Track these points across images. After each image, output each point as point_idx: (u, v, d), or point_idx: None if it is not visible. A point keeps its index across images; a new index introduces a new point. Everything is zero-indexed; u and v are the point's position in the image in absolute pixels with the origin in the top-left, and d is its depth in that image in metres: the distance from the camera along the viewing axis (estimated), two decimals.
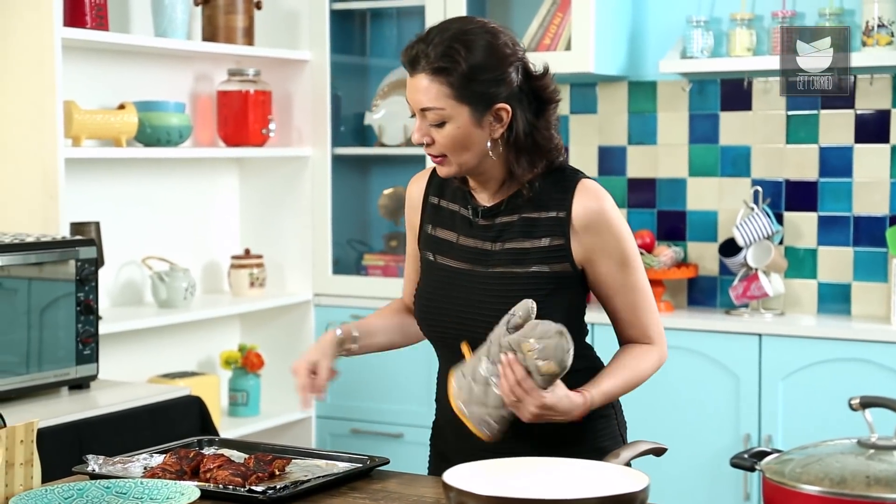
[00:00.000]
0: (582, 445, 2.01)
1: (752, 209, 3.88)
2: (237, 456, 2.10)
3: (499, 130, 2.02)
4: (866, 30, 3.68)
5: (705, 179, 4.06)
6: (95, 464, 1.99)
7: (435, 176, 2.17)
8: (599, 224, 2.04)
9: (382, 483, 2.01)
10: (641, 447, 1.95)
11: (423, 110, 2.01)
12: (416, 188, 2.21)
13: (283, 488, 1.89)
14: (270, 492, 1.87)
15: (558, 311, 2.05)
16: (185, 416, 3.09)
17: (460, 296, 2.07)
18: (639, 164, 4.15)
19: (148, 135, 3.75)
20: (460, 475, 1.69)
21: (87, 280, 3.06)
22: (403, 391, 4.02)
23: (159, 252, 3.99)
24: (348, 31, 4.44)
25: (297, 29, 4.27)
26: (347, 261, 4.36)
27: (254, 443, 2.20)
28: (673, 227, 4.11)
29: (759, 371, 3.63)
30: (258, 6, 4.08)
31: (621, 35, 4.06)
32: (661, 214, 4.13)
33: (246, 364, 4.10)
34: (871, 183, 3.85)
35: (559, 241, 2.04)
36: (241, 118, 4.08)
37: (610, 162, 4.19)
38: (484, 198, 2.11)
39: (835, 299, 3.90)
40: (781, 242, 3.95)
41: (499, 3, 4.29)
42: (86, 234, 3.44)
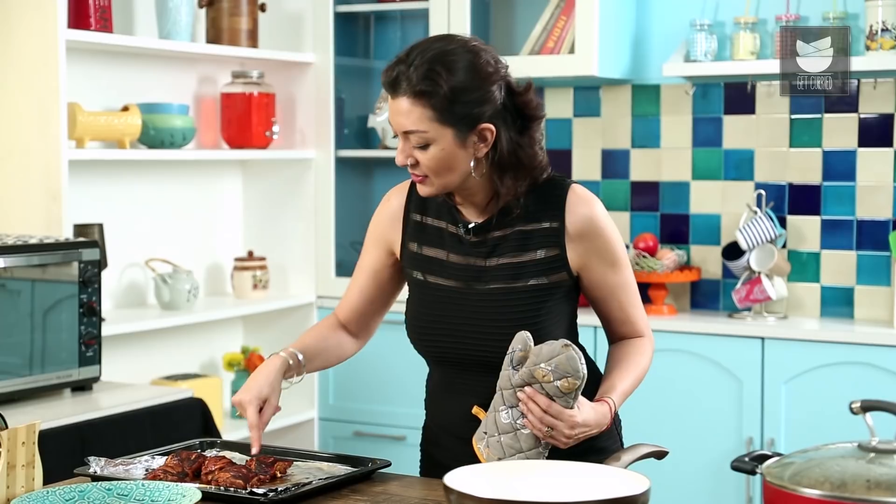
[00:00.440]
0: (581, 445, 2.01)
1: (756, 213, 3.88)
2: (239, 458, 2.10)
3: (483, 150, 2.01)
4: (870, 34, 3.68)
5: (709, 183, 4.06)
6: (97, 465, 2.00)
7: (415, 191, 2.13)
8: (593, 230, 2.05)
9: (384, 486, 2.01)
10: (642, 450, 1.95)
11: (406, 133, 1.99)
12: (395, 202, 2.18)
13: (285, 490, 1.89)
14: (272, 494, 1.87)
15: (558, 320, 2.06)
16: (188, 419, 3.09)
17: (458, 315, 2.06)
18: (642, 168, 4.15)
19: (151, 137, 3.76)
20: (461, 478, 1.69)
21: (90, 282, 3.06)
22: (406, 394, 4.02)
23: (162, 254, 3.99)
24: (352, 34, 4.45)
25: (301, 31, 4.27)
26: (350, 263, 4.36)
27: None
28: (676, 231, 4.11)
29: (762, 374, 3.63)
30: (262, 8, 4.09)
31: (625, 38, 4.06)
32: (665, 218, 4.13)
33: (249, 366, 4.10)
34: (875, 187, 3.85)
35: (555, 252, 2.05)
36: (245, 120, 4.08)
37: (613, 165, 4.19)
38: (471, 213, 2.09)
39: (838, 303, 3.90)
40: (784, 246, 3.95)
41: (502, 7, 4.30)
42: (89, 236, 3.45)
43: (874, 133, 3.84)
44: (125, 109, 3.67)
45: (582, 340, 2.19)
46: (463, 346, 2.06)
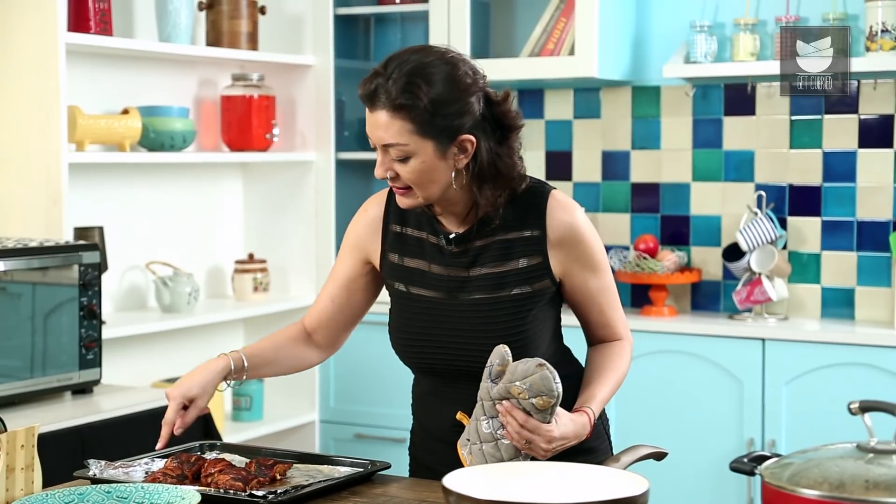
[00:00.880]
0: (571, 446, 2.02)
1: (756, 214, 3.88)
2: (239, 460, 2.10)
3: (463, 161, 1.99)
4: (870, 35, 3.68)
5: (709, 184, 4.06)
6: (96, 468, 2.00)
7: (393, 202, 2.12)
8: (574, 237, 2.05)
9: (384, 487, 2.01)
10: (642, 451, 1.96)
11: (386, 146, 1.97)
12: (373, 212, 2.16)
13: (284, 493, 1.89)
14: (271, 496, 1.87)
15: (543, 328, 2.07)
16: None
17: (443, 326, 2.06)
18: (642, 169, 4.15)
19: (152, 140, 3.76)
20: (460, 479, 1.69)
21: (91, 285, 3.06)
22: (407, 396, 4.01)
23: (163, 257, 3.99)
24: (352, 36, 4.45)
25: (301, 34, 4.27)
26: None
27: (255, 447, 2.20)
28: (676, 232, 4.11)
29: (763, 375, 3.63)
30: (262, 11, 4.09)
31: (625, 40, 4.06)
32: (665, 219, 4.13)
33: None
34: (875, 188, 3.85)
35: (537, 260, 2.04)
36: (245, 123, 4.08)
37: (613, 167, 4.18)
38: (452, 224, 2.08)
39: (838, 304, 3.90)
40: (785, 247, 3.95)
41: (502, 9, 4.30)
42: (89, 239, 3.45)
43: (874, 134, 3.84)
44: (125, 112, 3.67)
45: (568, 341, 2.20)
46: (448, 357, 2.06)
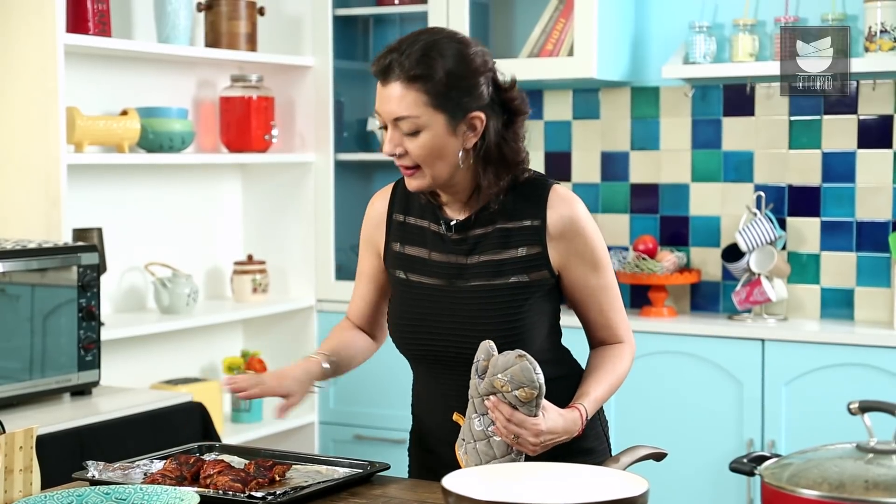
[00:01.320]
0: (570, 447, 2.02)
1: (755, 214, 3.88)
2: (237, 462, 2.10)
3: (472, 140, 2.01)
4: (869, 35, 3.68)
5: (708, 185, 4.06)
6: (95, 470, 1.99)
7: (398, 193, 2.16)
8: (574, 230, 2.06)
9: (383, 489, 2.01)
10: (641, 452, 1.95)
11: (397, 120, 1.99)
12: (379, 205, 2.19)
13: (283, 494, 1.89)
14: (270, 497, 1.87)
15: (539, 319, 2.07)
16: (187, 423, 3.09)
17: (441, 313, 2.07)
18: (642, 170, 4.14)
19: (150, 141, 3.76)
20: (459, 480, 1.69)
21: (89, 286, 3.06)
22: (406, 397, 4.01)
23: (162, 258, 3.99)
24: (351, 37, 4.45)
25: (300, 35, 4.27)
26: (350, 266, 4.36)
27: (254, 448, 2.20)
28: (676, 233, 4.11)
29: (762, 376, 3.63)
30: (261, 12, 4.09)
31: (624, 40, 4.06)
32: (664, 220, 4.13)
33: (249, 370, 4.09)
34: (874, 188, 3.85)
35: (536, 250, 2.05)
36: (244, 124, 4.08)
37: (613, 167, 4.18)
38: (454, 211, 2.10)
39: (838, 304, 3.90)
40: (784, 248, 3.95)
41: (501, 10, 4.30)
42: (88, 241, 3.45)
43: (873, 134, 3.84)
44: (124, 114, 3.67)
45: (569, 342, 2.20)
46: (444, 344, 2.06)
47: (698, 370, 3.71)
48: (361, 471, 2.05)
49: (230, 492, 1.90)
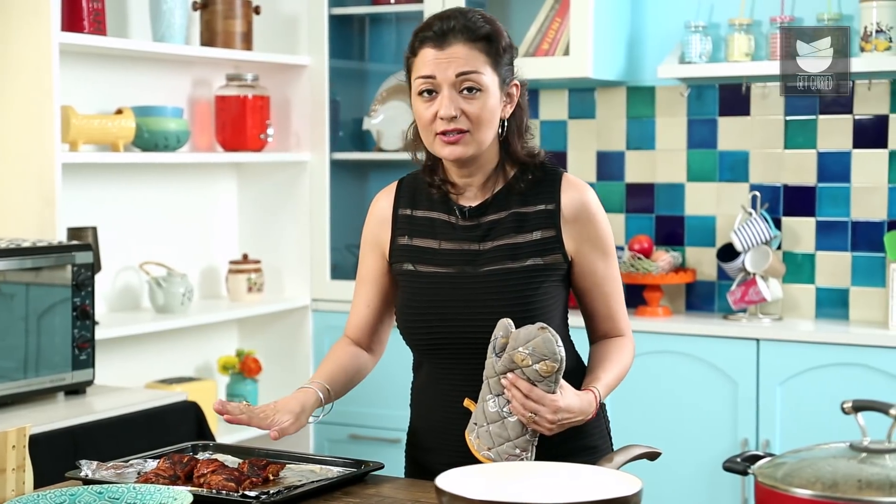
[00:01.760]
0: (574, 443, 2.02)
1: (751, 214, 3.88)
2: (231, 461, 2.09)
3: (508, 110, 2.10)
4: (864, 35, 3.68)
5: (704, 184, 4.06)
6: (88, 469, 1.99)
7: (403, 189, 2.18)
8: (586, 214, 2.10)
9: (377, 488, 2.00)
10: (635, 451, 1.95)
11: (462, 77, 2.01)
12: (384, 202, 2.19)
13: (277, 493, 1.89)
14: (264, 497, 1.87)
15: (553, 304, 2.08)
16: (182, 422, 3.09)
17: (453, 299, 2.07)
18: (637, 169, 4.14)
19: (146, 140, 3.75)
20: (452, 479, 1.69)
21: (84, 285, 3.05)
22: (401, 396, 4.00)
23: (157, 257, 3.99)
24: (347, 36, 4.44)
25: (296, 34, 4.27)
26: (346, 266, 4.36)
27: (248, 448, 2.19)
28: (671, 232, 4.11)
29: (757, 376, 3.63)
30: (257, 11, 4.08)
31: (620, 40, 4.06)
32: (660, 219, 4.13)
33: (244, 369, 4.09)
34: (869, 188, 3.85)
35: (551, 233, 2.08)
36: (240, 123, 4.08)
37: (608, 167, 4.18)
38: (467, 199, 2.12)
39: (833, 304, 3.90)
40: (779, 247, 3.95)
41: (497, 9, 4.29)
42: (83, 240, 3.44)
43: (869, 134, 3.84)
44: (119, 112, 3.66)
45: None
46: (456, 330, 2.05)
47: (693, 370, 3.71)
48: (355, 470, 2.04)
49: (223, 491, 1.90)
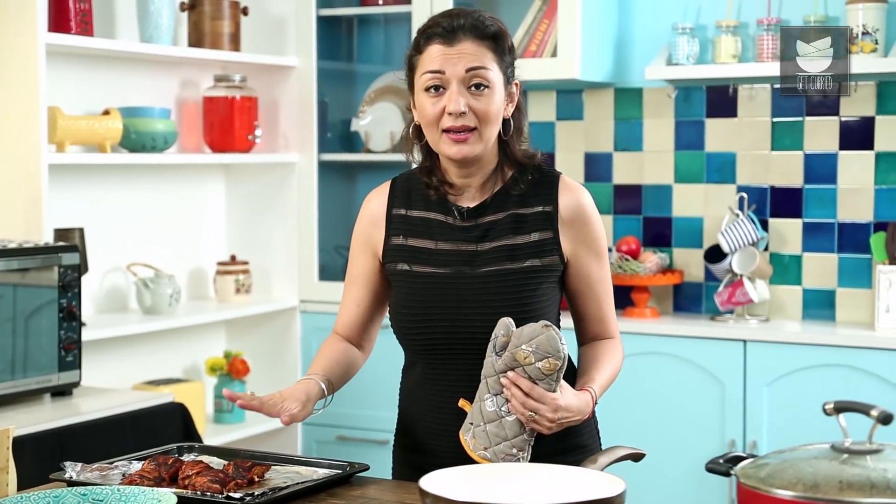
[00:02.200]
0: (565, 442, 2.03)
1: (738, 215, 3.89)
2: (216, 462, 2.09)
3: (509, 109, 2.10)
4: (851, 37, 3.69)
5: (691, 186, 4.07)
6: (73, 471, 1.99)
7: (397, 189, 2.17)
8: (583, 216, 2.11)
9: (362, 489, 2.00)
10: (619, 452, 1.95)
11: (472, 73, 2.02)
12: (377, 202, 2.18)
13: (262, 495, 1.89)
14: (248, 498, 1.86)
15: (550, 306, 2.09)
16: (169, 423, 3.08)
17: (449, 300, 2.06)
18: (625, 171, 4.15)
19: (133, 141, 3.75)
20: (437, 480, 1.69)
21: (70, 286, 3.05)
22: (390, 398, 4.00)
23: (144, 258, 3.98)
24: (335, 38, 4.44)
25: (284, 35, 4.27)
26: (334, 267, 4.36)
27: (233, 449, 2.19)
28: (659, 234, 4.12)
29: (744, 377, 3.63)
30: (244, 12, 4.08)
31: (607, 42, 4.07)
32: (647, 221, 4.13)
33: (231, 371, 4.09)
34: (856, 189, 3.86)
35: (548, 235, 2.09)
36: (228, 124, 4.08)
37: (596, 168, 4.19)
38: (466, 199, 2.12)
39: (819, 305, 3.91)
40: (766, 249, 3.96)
41: (485, 10, 4.29)
42: (70, 241, 3.43)
43: (855, 136, 3.85)
44: (106, 113, 3.66)
45: None
46: (454, 330, 2.05)
47: (681, 371, 3.72)
48: (340, 471, 2.04)
49: (208, 492, 1.90)
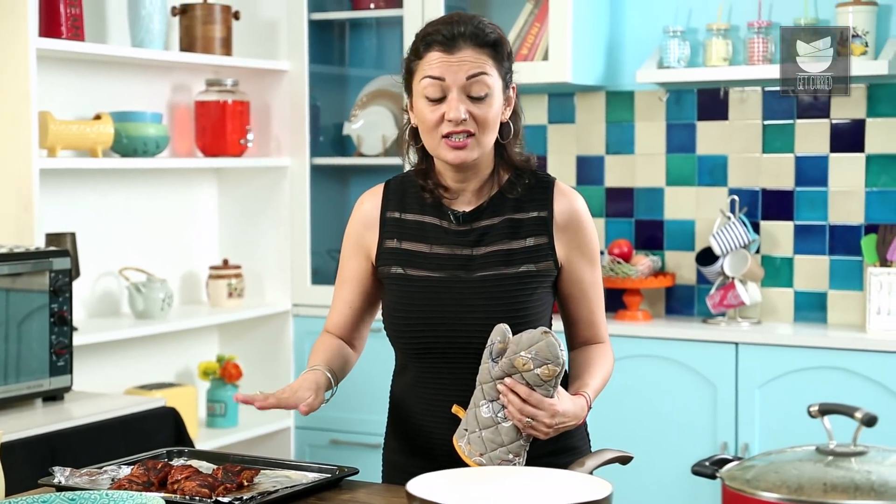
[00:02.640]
0: (556, 444, 2.03)
1: (729, 218, 3.90)
2: (206, 467, 2.09)
3: (507, 113, 2.10)
4: (841, 40, 3.70)
5: (682, 189, 4.07)
6: (62, 476, 1.99)
7: (391, 192, 2.17)
8: (578, 222, 2.11)
9: (351, 493, 2.00)
10: (607, 455, 1.96)
11: (472, 80, 2.02)
12: (370, 205, 2.18)
13: (251, 499, 1.89)
14: (237, 502, 1.86)
15: (543, 311, 2.09)
16: (160, 428, 3.08)
17: (444, 304, 2.06)
18: (616, 174, 4.16)
19: (125, 145, 3.75)
20: (424, 484, 1.69)
21: (62, 291, 3.05)
22: (382, 401, 4.00)
23: (136, 263, 3.98)
24: (327, 42, 4.45)
25: (276, 39, 4.27)
26: (326, 271, 4.36)
27: (223, 453, 2.19)
28: (650, 237, 4.12)
29: (736, 379, 3.64)
30: (236, 16, 4.08)
31: (599, 45, 4.07)
32: (639, 224, 4.14)
33: (224, 375, 4.09)
34: (847, 192, 3.87)
35: (543, 240, 2.09)
36: (220, 128, 4.08)
37: (588, 171, 4.19)
38: (461, 204, 2.12)
39: (811, 308, 3.91)
40: (758, 251, 3.96)
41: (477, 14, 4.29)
42: (61, 245, 3.43)
43: (846, 139, 3.86)
44: (97, 118, 3.66)
45: None
46: (449, 335, 2.05)
47: (672, 374, 3.72)
48: (330, 476, 2.04)
49: (196, 497, 1.90)
